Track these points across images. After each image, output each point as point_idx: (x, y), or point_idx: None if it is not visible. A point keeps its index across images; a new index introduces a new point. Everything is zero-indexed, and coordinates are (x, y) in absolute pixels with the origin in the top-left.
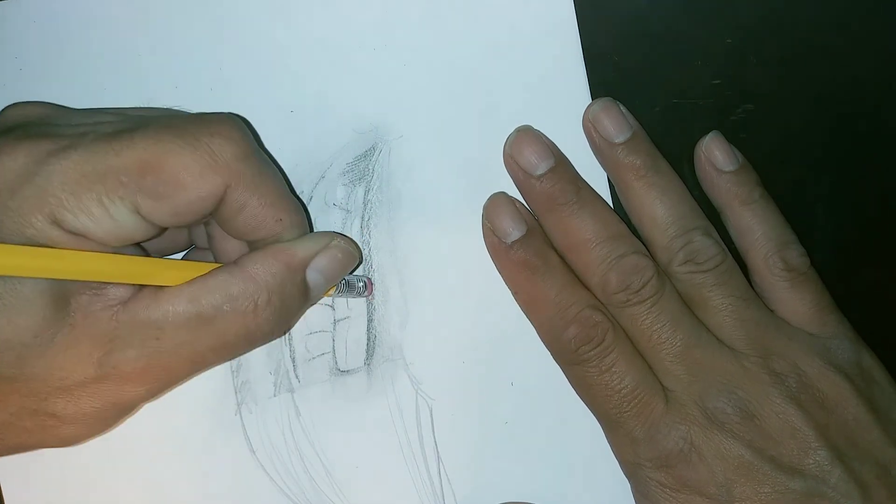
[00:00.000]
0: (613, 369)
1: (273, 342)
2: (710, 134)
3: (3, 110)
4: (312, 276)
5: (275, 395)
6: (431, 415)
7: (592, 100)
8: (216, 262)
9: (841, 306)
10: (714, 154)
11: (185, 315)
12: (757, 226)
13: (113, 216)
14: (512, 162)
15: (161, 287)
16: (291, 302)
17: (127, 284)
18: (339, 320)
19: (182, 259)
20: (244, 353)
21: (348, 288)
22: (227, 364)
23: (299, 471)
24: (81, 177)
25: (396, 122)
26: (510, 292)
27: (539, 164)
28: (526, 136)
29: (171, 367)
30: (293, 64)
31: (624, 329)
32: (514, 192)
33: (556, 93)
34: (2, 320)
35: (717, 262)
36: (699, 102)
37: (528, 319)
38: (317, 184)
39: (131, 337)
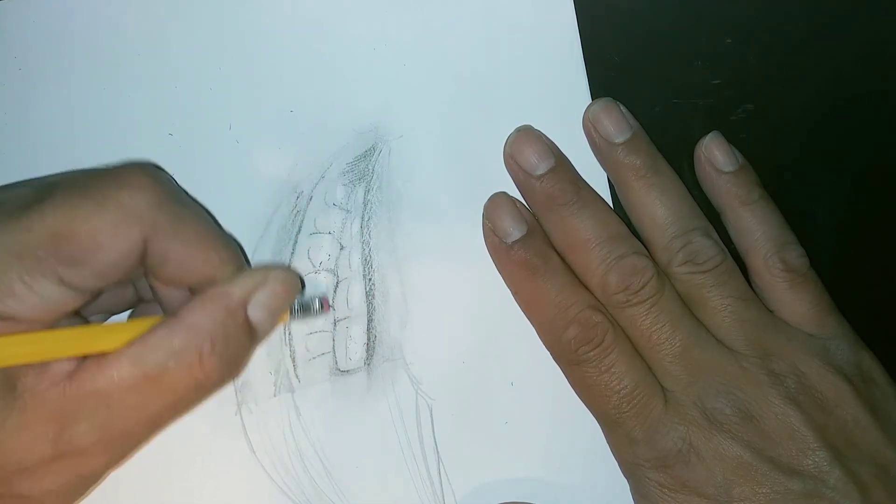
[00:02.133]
0: (613, 370)
1: (273, 342)
2: (710, 134)
3: None
4: (255, 313)
5: (275, 395)
6: (431, 415)
7: (592, 100)
8: (164, 312)
9: (840, 307)
10: (714, 154)
11: (130, 378)
12: (756, 226)
13: (37, 292)
14: (512, 162)
15: (104, 353)
16: (237, 344)
17: (68, 358)
18: (339, 320)
19: (130, 314)
20: (200, 403)
21: (304, 310)
22: None
23: (299, 471)
24: None
25: (396, 122)
26: (510, 292)
27: (539, 164)
28: (526, 136)
29: (127, 432)
30: (293, 64)
31: (623, 329)
32: (514, 192)
33: (556, 93)
34: None
35: (717, 262)
36: (699, 102)
37: (528, 319)
38: (317, 184)
39: (82, 410)
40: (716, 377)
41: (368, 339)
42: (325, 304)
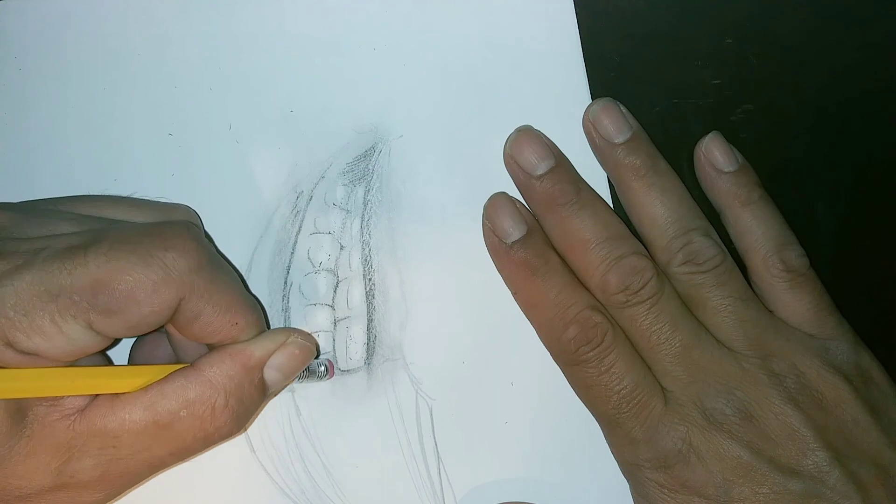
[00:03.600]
0: (612, 370)
1: None
2: (709, 134)
3: None
4: (270, 374)
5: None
6: (431, 415)
7: (592, 100)
8: (175, 353)
9: (840, 307)
10: (714, 154)
11: (141, 423)
12: (756, 226)
13: (66, 334)
14: (512, 162)
15: (117, 393)
16: (249, 401)
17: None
18: (339, 320)
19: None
20: (203, 452)
21: (309, 374)
22: None
23: (299, 471)
24: (34, 297)
25: (396, 122)
26: (510, 292)
27: (539, 164)
28: (526, 136)
29: (129, 472)
30: (293, 64)
31: (623, 330)
32: (514, 192)
33: (556, 93)
34: None
35: (717, 262)
36: (699, 102)
37: (528, 319)
38: (317, 184)
39: (88, 446)
40: (715, 377)
41: (368, 339)
42: (330, 370)
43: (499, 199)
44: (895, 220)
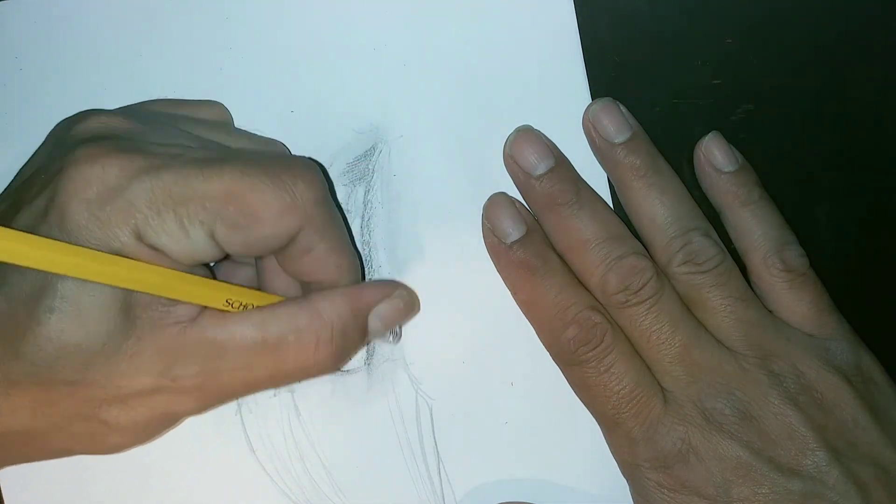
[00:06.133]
0: (612, 370)
1: None
2: (709, 134)
3: (82, 116)
4: (373, 321)
5: (275, 395)
6: (431, 415)
7: (592, 100)
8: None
9: (840, 307)
10: (713, 154)
11: (250, 339)
12: (756, 226)
13: (190, 238)
14: (512, 162)
15: (227, 311)
16: (350, 343)
17: (197, 305)
18: None
19: None
20: (294, 383)
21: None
22: None
23: (299, 471)
24: (168, 197)
25: (396, 122)
26: (510, 292)
27: (539, 165)
28: (526, 136)
29: (227, 387)
30: (293, 64)
31: (623, 330)
32: (514, 192)
33: (556, 93)
34: (75, 325)
35: (716, 262)
36: (699, 102)
37: (527, 320)
38: None
39: (195, 353)
40: (715, 377)
41: None
42: (399, 335)
43: (498, 199)
44: (895, 220)
